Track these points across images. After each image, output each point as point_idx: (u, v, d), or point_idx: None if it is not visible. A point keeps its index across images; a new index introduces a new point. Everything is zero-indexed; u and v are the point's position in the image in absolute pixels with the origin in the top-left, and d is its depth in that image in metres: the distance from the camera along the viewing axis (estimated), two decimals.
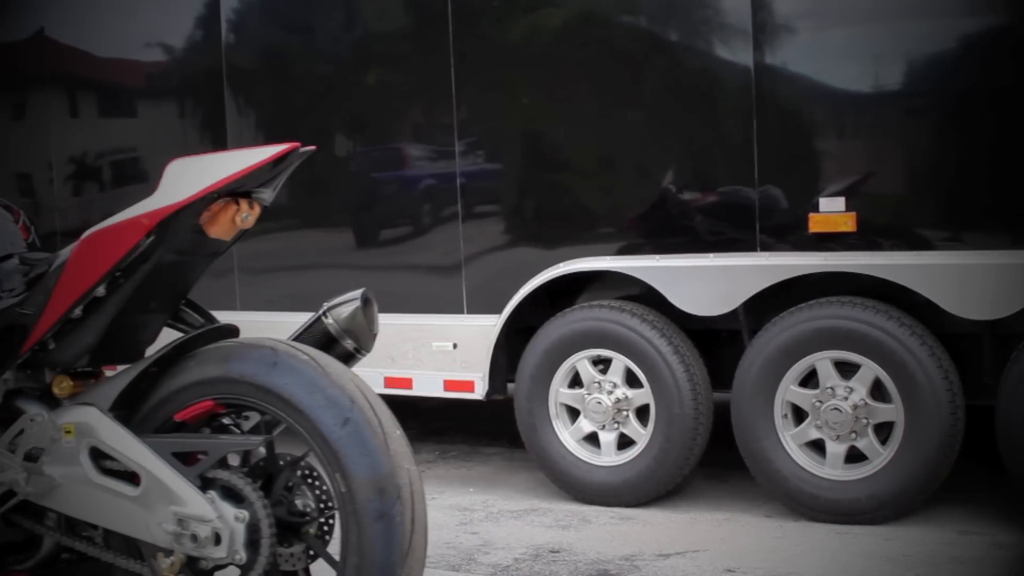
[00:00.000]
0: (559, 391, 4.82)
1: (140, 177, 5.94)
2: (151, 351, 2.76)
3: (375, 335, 2.81)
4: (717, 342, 4.80)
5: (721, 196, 4.59)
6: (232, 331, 2.70)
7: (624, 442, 4.79)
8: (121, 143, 6.06)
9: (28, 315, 2.64)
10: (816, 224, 4.36)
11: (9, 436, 2.62)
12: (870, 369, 4.29)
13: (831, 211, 4.33)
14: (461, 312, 5.04)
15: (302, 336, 2.77)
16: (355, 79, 5.36)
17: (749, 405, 4.46)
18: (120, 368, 2.68)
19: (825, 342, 4.33)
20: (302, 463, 2.56)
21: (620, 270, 4.68)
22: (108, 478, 2.53)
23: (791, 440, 4.44)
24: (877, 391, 4.31)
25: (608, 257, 4.74)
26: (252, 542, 2.44)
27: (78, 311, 2.61)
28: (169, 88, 5.89)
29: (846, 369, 4.36)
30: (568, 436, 4.84)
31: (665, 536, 4.34)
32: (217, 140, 5.59)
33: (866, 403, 4.31)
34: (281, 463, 2.55)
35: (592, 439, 4.83)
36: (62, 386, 2.71)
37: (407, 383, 5.17)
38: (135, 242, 2.51)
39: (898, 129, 4.32)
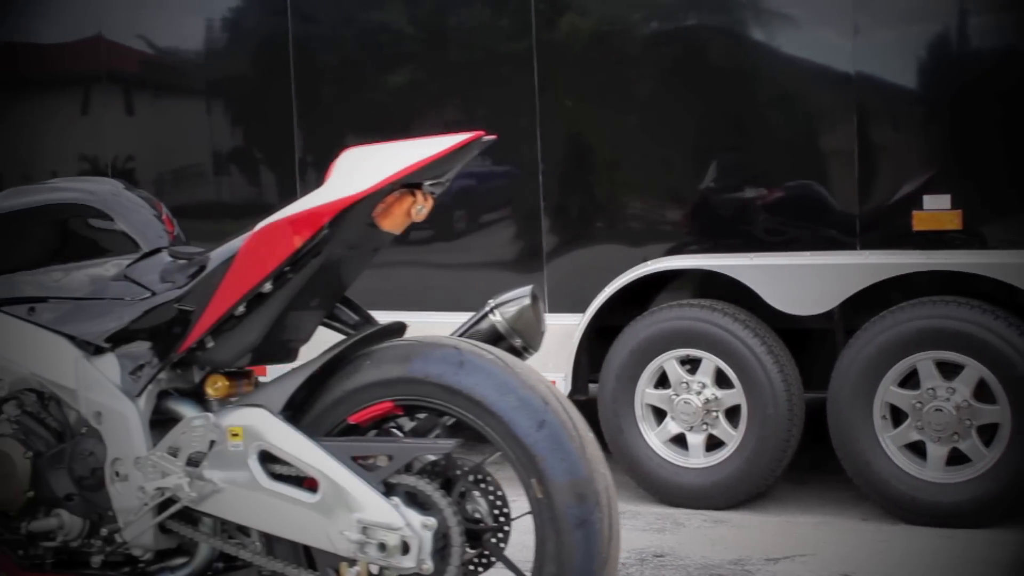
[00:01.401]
0: (646, 392, 4.72)
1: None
2: (303, 350, 2.68)
3: (543, 333, 2.70)
4: (805, 342, 4.71)
5: (818, 194, 4.50)
6: (400, 329, 2.58)
7: (712, 444, 4.69)
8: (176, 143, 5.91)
9: (188, 311, 2.51)
10: (920, 222, 4.28)
11: (171, 440, 2.49)
12: (974, 370, 4.20)
13: (936, 209, 4.25)
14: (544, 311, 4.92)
15: (467, 334, 2.65)
16: (433, 73, 5.24)
17: (847, 406, 4.37)
18: (284, 369, 2.57)
19: (928, 342, 4.25)
20: (473, 468, 2.45)
21: (714, 268, 4.58)
22: (280, 483, 2.40)
23: (890, 442, 4.35)
24: (981, 392, 4.24)
25: (699, 255, 4.65)
26: (438, 551, 2.32)
27: (241, 308, 2.48)
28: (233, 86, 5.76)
29: (948, 370, 4.28)
30: (655, 438, 4.74)
31: (767, 540, 4.24)
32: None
33: (969, 404, 4.23)
34: (459, 468, 2.43)
35: (679, 441, 4.73)
36: (216, 386, 2.58)
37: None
38: (310, 235, 2.39)
39: (1005, 125, 4.24)
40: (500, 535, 2.44)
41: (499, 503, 2.44)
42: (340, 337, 2.67)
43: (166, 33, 5.83)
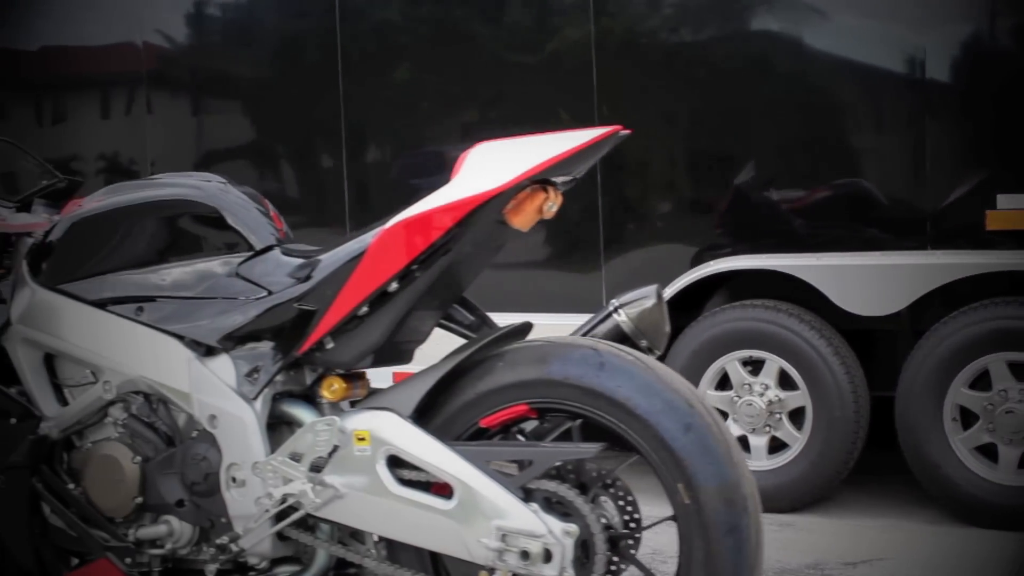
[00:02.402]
0: (707, 393, 4.65)
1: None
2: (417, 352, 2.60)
3: (667, 334, 2.62)
4: (866, 342, 4.66)
5: (887, 193, 4.45)
6: (526, 329, 2.50)
7: (774, 446, 4.63)
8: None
9: (309, 310, 2.42)
10: (994, 221, 4.22)
11: (293, 444, 2.40)
12: None
13: (1011, 208, 4.20)
14: None
15: (590, 334, 2.57)
16: (495, 71, 5.16)
17: (916, 407, 4.32)
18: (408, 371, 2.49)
19: (1001, 343, 4.20)
20: (607, 472, 2.37)
21: (779, 269, 4.52)
22: (410, 489, 2.32)
23: (961, 444, 4.30)
24: None
25: (761, 255, 4.58)
26: (577, 559, 2.24)
27: (364, 307, 2.40)
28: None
29: (1020, 371, 4.23)
30: None
31: (840, 544, 4.18)
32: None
33: None
34: (593, 473, 2.35)
35: (741, 443, 4.67)
36: (333, 388, 2.49)
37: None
38: (443, 231, 2.31)
39: None
40: (632, 541, 2.37)
41: (630, 508, 2.36)
42: (454, 338, 2.61)
43: (208, 31, 5.74)
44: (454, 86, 5.22)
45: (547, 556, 2.21)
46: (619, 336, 2.57)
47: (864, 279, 4.37)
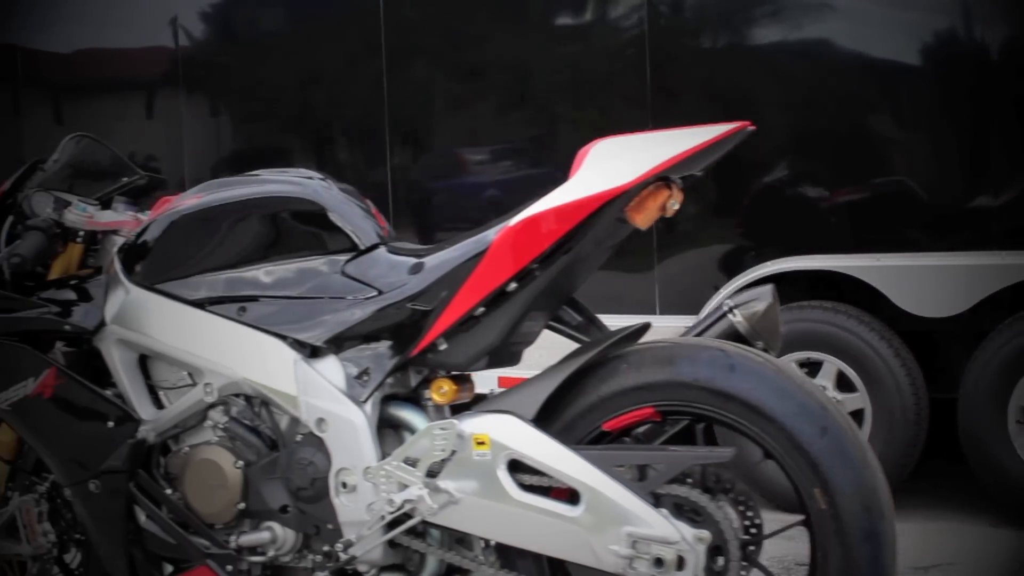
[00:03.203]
0: None
1: None
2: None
3: (782, 336, 2.56)
4: (924, 343, 4.61)
5: (949, 192, 4.40)
6: (644, 331, 2.43)
7: None
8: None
9: (424, 311, 2.35)
10: None
11: (408, 448, 2.33)
12: None
13: None
14: (653, 313, 4.79)
15: (703, 334, 2.51)
16: (545, 71, 5.10)
17: (979, 410, 4.28)
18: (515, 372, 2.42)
19: None
20: (730, 477, 2.31)
21: (839, 270, 4.47)
22: (533, 495, 2.25)
23: None
24: None
25: (818, 256, 4.53)
26: (707, 566, 2.18)
27: (481, 308, 2.33)
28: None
29: None
30: None
31: (906, 547, 4.08)
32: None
33: None
34: (717, 477, 2.29)
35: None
36: (442, 391, 2.42)
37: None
38: (568, 229, 2.25)
39: None
40: (754, 547, 2.31)
41: (750, 513, 2.30)
42: (561, 339, 2.54)
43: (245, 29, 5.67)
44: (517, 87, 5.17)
45: (680, 563, 2.15)
46: (734, 337, 2.50)
47: (927, 280, 4.32)
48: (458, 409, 2.48)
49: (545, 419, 2.29)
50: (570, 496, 2.27)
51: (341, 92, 5.50)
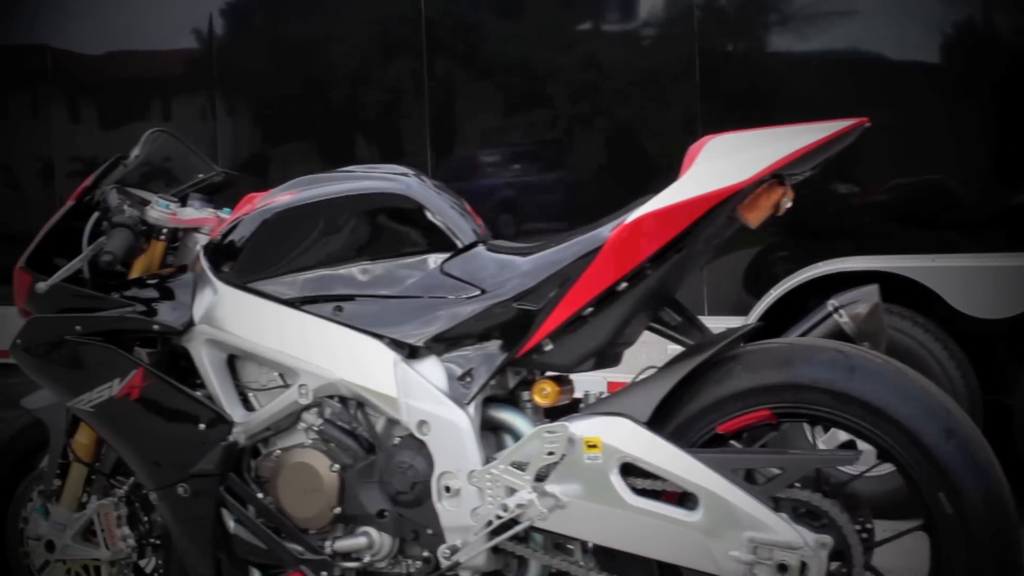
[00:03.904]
0: None
1: None
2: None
3: (888, 336, 2.51)
4: (981, 345, 4.56)
5: (1005, 191, 4.35)
6: (756, 332, 2.38)
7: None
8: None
9: (531, 311, 2.30)
10: None
11: (517, 452, 2.27)
12: None
13: None
14: (701, 313, 4.73)
15: (807, 334, 2.46)
16: (572, 72, 5.05)
17: None
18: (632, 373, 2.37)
19: None
20: (845, 481, 2.26)
21: (893, 271, 4.41)
22: (647, 499, 2.20)
23: None
24: None
25: (872, 256, 4.48)
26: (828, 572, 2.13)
27: (590, 307, 2.28)
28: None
29: None
30: (821, 445, 4.57)
31: None
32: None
33: None
34: (834, 480, 2.24)
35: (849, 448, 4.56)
36: (545, 393, 2.37)
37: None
38: (683, 227, 2.20)
39: None
40: (870, 552, 2.26)
41: (862, 517, 2.26)
42: (660, 339, 2.50)
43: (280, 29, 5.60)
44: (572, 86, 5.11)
45: (803, 569, 2.10)
46: (839, 337, 2.45)
47: (983, 281, 4.28)
48: (553, 412, 2.44)
49: (658, 422, 2.24)
50: (679, 500, 2.23)
51: (378, 92, 5.44)
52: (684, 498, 2.22)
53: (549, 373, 2.44)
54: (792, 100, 4.66)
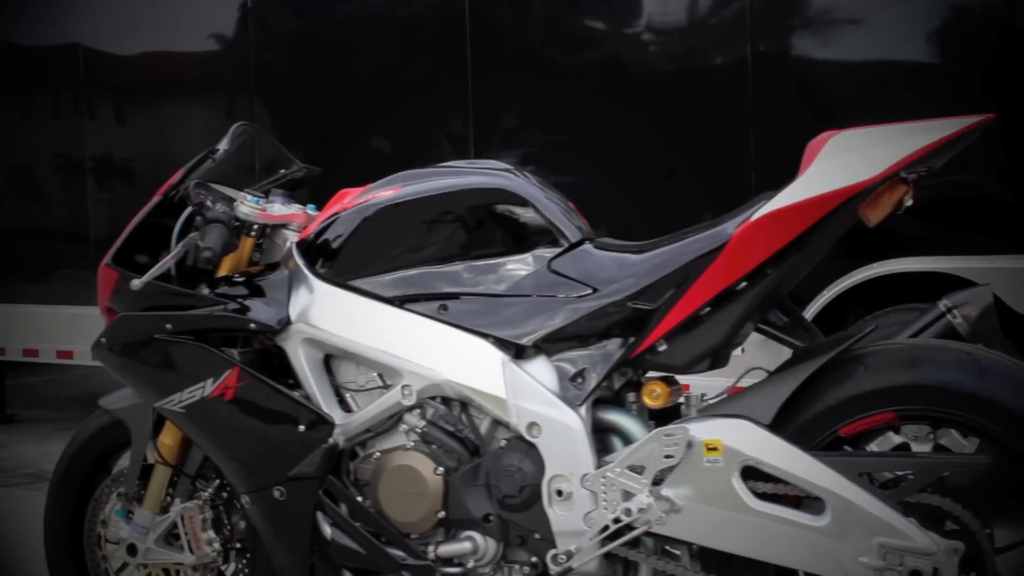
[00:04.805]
0: None
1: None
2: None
3: (1001, 337, 2.47)
4: None
5: None
6: (872, 333, 2.32)
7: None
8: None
9: (646, 310, 2.24)
10: None
11: (633, 455, 2.21)
12: None
13: None
14: None
15: (920, 334, 2.41)
16: (612, 67, 5.00)
17: None
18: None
19: None
20: (972, 485, 2.21)
21: (950, 272, 4.36)
22: (770, 504, 2.14)
23: None
24: None
25: (927, 258, 4.43)
26: None
27: (708, 307, 2.23)
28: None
29: None
30: (874, 447, 4.51)
31: None
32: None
33: None
34: (954, 485, 2.19)
35: (899, 449, 4.51)
36: (655, 394, 2.32)
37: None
38: (808, 225, 2.15)
39: None
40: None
41: (987, 523, 2.20)
42: (767, 340, 2.45)
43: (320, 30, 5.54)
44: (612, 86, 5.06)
45: (934, 575, 2.05)
46: (952, 338, 2.42)
47: None
48: (657, 414, 2.39)
49: (778, 424, 2.19)
50: (797, 503, 2.18)
51: (420, 93, 5.38)
52: (799, 502, 2.18)
53: (651, 373, 2.39)
54: (843, 101, 4.62)
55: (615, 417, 2.34)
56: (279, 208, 2.65)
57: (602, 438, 2.33)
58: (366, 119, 5.38)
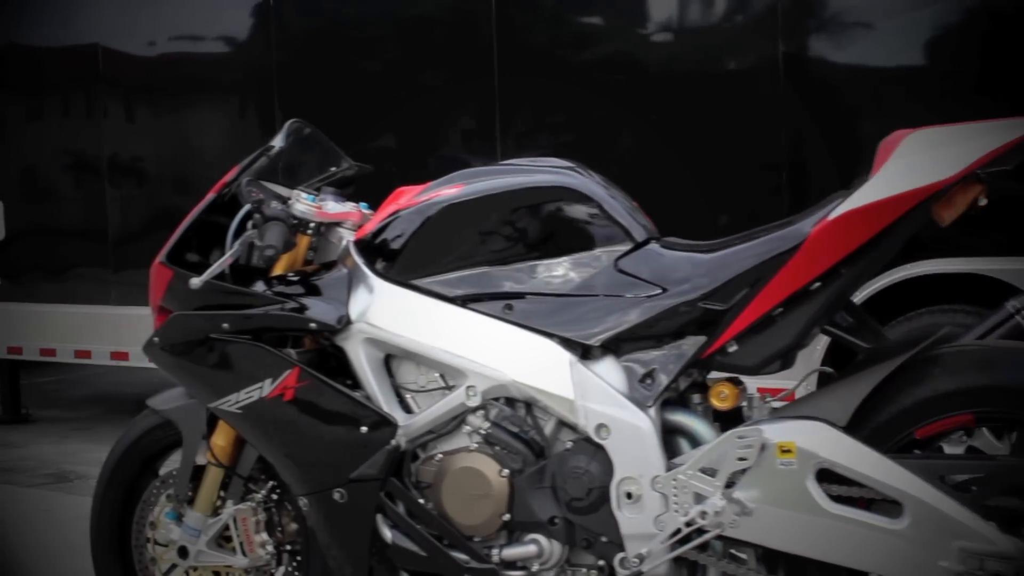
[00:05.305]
0: None
1: None
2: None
3: None
4: None
5: None
6: (951, 336, 2.30)
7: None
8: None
9: (718, 310, 2.21)
10: None
11: (705, 457, 2.18)
12: None
13: None
14: None
15: (987, 336, 2.39)
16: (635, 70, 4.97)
17: None
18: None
19: None
20: None
21: (988, 274, 4.34)
22: (846, 507, 2.12)
23: None
24: None
25: (963, 259, 4.41)
26: None
27: (780, 307, 2.20)
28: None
29: None
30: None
31: None
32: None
33: None
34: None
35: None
36: (723, 395, 2.29)
37: None
38: (885, 224, 2.12)
39: None
40: None
41: None
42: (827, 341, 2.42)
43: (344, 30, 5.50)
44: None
45: None
46: (1020, 339, 2.39)
47: None
48: (722, 416, 2.36)
49: (852, 426, 2.16)
50: (868, 506, 2.15)
51: (445, 92, 5.34)
52: (871, 504, 2.15)
53: (714, 374, 2.37)
54: (878, 103, 4.59)
55: (682, 418, 2.31)
56: (333, 206, 2.61)
57: (669, 440, 2.30)
58: (388, 119, 5.34)
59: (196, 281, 2.41)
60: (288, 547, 2.67)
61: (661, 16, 4.98)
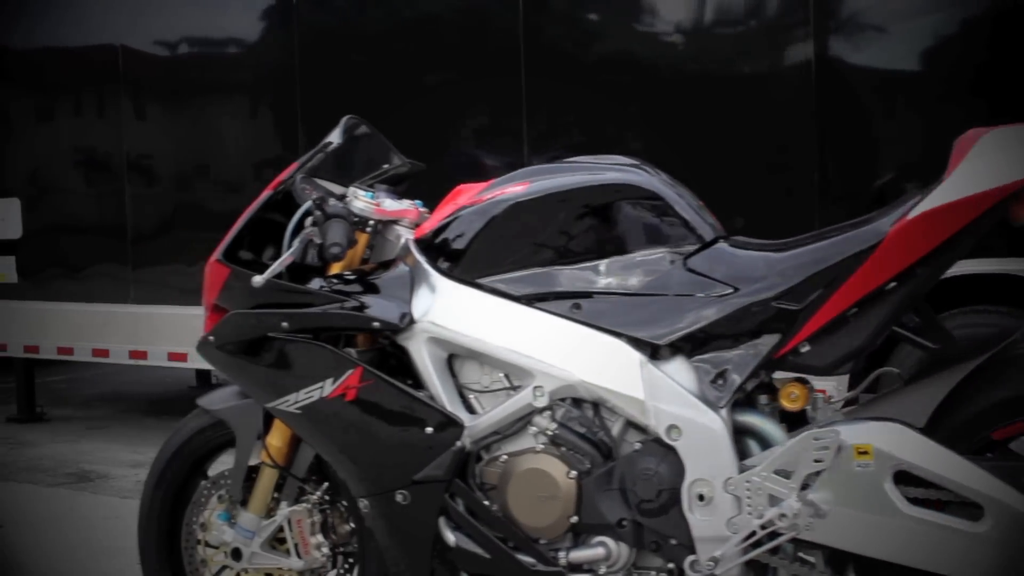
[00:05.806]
0: None
1: None
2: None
3: None
4: None
5: None
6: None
7: None
8: None
9: (792, 310, 2.19)
10: None
11: (781, 458, 2.15)
12: None
13: None
14: None
15: None
16: (657, 74, 4.95)
17: None
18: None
19: None
20: None
21: (1018, 274, 4.33)
22: (925, 509, 2.09)
23: None
24: None
25: (999, 260, 4.38)
26: None
27: (855, 307, 2.17)
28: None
29: None
30: None
31: None
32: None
33: None
34: None
35: None
36: (793, 396, 2.26)
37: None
38: (964, 224, 2.09)
39: None
40: None
41: None
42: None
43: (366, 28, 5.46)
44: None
45: None
46: None
47: None
48: (789, 417, 2.33)
49: (928, 428, 2.13)
50: (942, 508, 2.13)
51: (472, 90, 5.31)
52: (947, 507, 2.13)
53: (780, 374, 2.34)
54: (917, 103, 4.57)
55: (751, 419, 2.28)
56: (391, 203, 2.58)
57: (738, 441, 2.27)
58: (413, 118, 5.30)
59: (259, 279, 2.37)
60: (342, 549, 2.63)
61: (691, 16, 4.95)
